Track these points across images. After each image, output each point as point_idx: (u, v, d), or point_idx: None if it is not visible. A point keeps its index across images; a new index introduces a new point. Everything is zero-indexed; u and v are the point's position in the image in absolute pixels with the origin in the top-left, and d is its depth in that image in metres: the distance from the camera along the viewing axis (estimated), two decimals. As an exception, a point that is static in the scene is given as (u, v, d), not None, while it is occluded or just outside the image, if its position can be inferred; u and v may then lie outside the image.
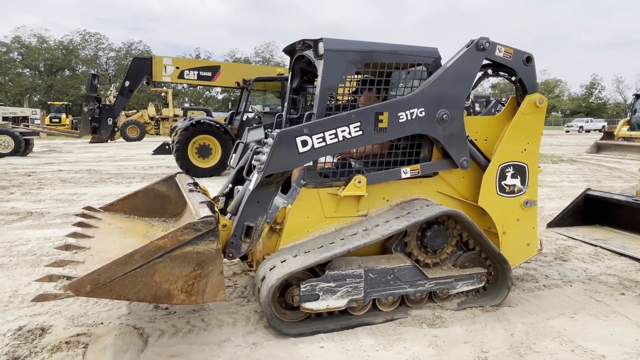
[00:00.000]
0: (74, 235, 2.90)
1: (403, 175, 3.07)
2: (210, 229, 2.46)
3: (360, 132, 2.84)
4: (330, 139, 2.79)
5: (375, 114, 2.86)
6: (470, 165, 3.28)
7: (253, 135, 7.90)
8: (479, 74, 3.22)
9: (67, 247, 2.74)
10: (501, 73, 3.31)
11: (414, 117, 2.95)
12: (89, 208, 3.38)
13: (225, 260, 2.89)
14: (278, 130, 2.81)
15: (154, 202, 3.60)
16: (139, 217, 3.52)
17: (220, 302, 3.20)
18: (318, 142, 2.76)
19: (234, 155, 4.94)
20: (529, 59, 3.21)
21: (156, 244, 2.35)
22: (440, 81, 2.99)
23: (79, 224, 3.07)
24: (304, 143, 2.74)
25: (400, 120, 2.93)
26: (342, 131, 2.80)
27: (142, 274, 2.33)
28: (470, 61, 3.06)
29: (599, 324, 2.97)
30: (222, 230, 2.80)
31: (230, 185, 3.59)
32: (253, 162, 2.99)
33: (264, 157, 2.76)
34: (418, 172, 3.10)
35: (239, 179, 3.61)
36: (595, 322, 3.00)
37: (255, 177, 2.88)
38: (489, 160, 3.25)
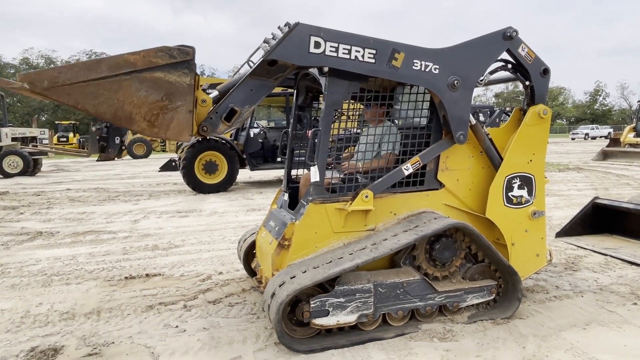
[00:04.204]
0: None
1: (405, 172, 3.07)
2: (186, 60, 2.35)
3: (372, 61, 2.81)
4: (343, 53, 2.75)
5: (393, 50, 2.84)
6: (477, 176, 3.30)
7: None
8: (499, 64, 3.25)
9: None
10: (517, 74, 3.32)
11: (427, 70, 2.94)
12: None
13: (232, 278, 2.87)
14: (297, 21, 2.74)
15: None
16: None
17: (230, 319, 3.21)
18: (330, 51, 2.72)
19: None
20: (545, 71, 3.25)
21: (125, 59, 2.24)
22: (460, 50, 3.02)
23: None
24: (317, 45, 2.70)
25: (414, 67, 2.91)
26: (357, 51, 2.77)
27: (105, 86, 2.21)
28: (493, 44, 3.10)
29: (612, 334, 2.94)
30: (201, 105, 2.74)
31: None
32: (262, 45, 2.93)
33: (273, 42, 2.74)
34: (419, 164, 3.10)
35: None
36: (608, 333, 2.97)
37: (258, 62, 2.83)
38: (502, 159, 3.26)
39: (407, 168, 3.07)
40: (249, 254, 3.91)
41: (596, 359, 2.63)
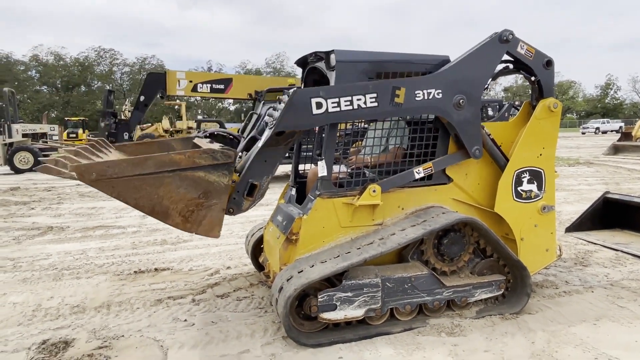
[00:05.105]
0: (85, 149, 2.88)
1: (416, 176, 3.06)
2: (227, 162, 2.46)
3: (376, 104, 2.86)
4: (345, 106, 2.80)
5: (393, 88, 2.87)
6: (486, 171, 3.27)
7: (267, 108, 8.00)
8: (500, 67, 3.22)
9: (76, 153, 2.71)
10: (522, 71, 3.30)
11: (430, 97, 2.96)
12: (102, 139, 3.39)
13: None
14: (295, 88, 2.82)
15: None
16: None
17: (238, 313, 3.24)
18: (332, 107, 2.78)
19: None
20: (549, 63, 3.21)
21: (171, 157, 2.35)
22: (460, 66, 3.02)
23: (92, 146, 3.06)
24: (319, 105, 2.76)
25: (416, 98, 2.94)
26: (358, 99, 2.82)
27: (149, 181, 2.31)
28: (492, 51, 3.08)
29: (622, 330, 2.91)
30: (230, 186, 2.78)
31: (240, 153, 3.63)
32: (266, 118, 3.00)
33: (277, 114, 2.78)
34: (431, 170, 3.09)
35: (249, 148, 3.62)
36: (618, 328, 2.94)
37: (265, 134, 2.88)
38: (507, 160, 3.23)
39: (419, 172, 3.06)
40: (256, 249, 3.92)
41: (606, 354, 2.61)
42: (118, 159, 2.30)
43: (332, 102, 2.78)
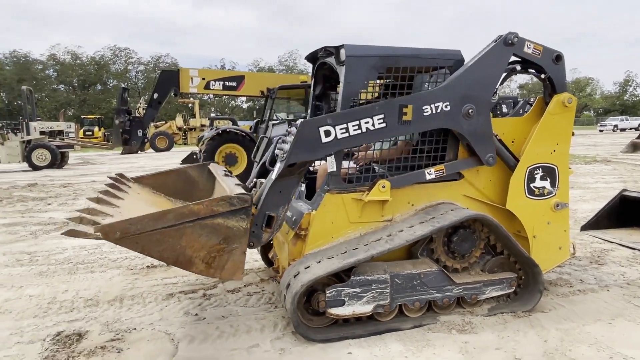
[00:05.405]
0: (106, 193, 2.95)
1: (427, 177, 3.04)
2: (244, 207, 2.49)
3: (384, 125, 2.84)
4: (354, 130, 2.80)
5: (400, 107, 2.86)
6: (498, 168, 3.22)
7: (277, 130, 7.94)
8: (508, 69, 3.17)
9: (98, 200, 2.78)
10: (530, 70, 3.25)
11: (439, 110, 2.93)
12: (121, 175, 3.46)
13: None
14: (302, 120, 2.83)
15: (184, 184, 3.65)
16: (165, 196, 3.57)
17: (248, 308, 3.26)
18: (341, 133, 2.77)
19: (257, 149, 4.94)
20: (558, 58, 3.15)
21: (190, 208, 2.39)
22: (467, 75, 2.97)
23: (112, 186, 3.13)
24: (327, 133, 2.75)
25: (425, 114, 2.91)
26: (366, 123, 2.81)
27: (170, 234, 2.37)
28: (498, 56, 3.03)
29: (639, 330, 2.85)
30: None
31: (254, 180, 3.63)
32: (276, 151, 3.02)
33: (286, 147, 2.79)
34: (443, 173, 3.06)
35: (262, 173, 3.63)
36: (635, 328, 2.88)
37: (277, 166, 2.90)
38: (517, 160, 3.18)
39: (430, 173, 3.03)
40: (266, 245, 3.93)
41: (622, 354, 2.56)
42: (139, 216, 2.34)
43: (341, 129, 2.77)
